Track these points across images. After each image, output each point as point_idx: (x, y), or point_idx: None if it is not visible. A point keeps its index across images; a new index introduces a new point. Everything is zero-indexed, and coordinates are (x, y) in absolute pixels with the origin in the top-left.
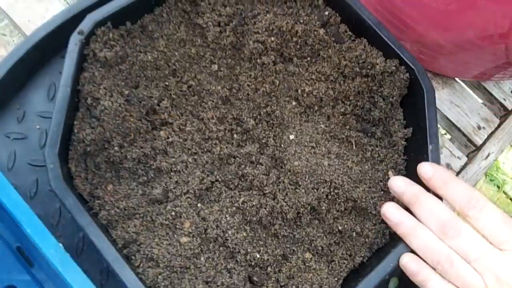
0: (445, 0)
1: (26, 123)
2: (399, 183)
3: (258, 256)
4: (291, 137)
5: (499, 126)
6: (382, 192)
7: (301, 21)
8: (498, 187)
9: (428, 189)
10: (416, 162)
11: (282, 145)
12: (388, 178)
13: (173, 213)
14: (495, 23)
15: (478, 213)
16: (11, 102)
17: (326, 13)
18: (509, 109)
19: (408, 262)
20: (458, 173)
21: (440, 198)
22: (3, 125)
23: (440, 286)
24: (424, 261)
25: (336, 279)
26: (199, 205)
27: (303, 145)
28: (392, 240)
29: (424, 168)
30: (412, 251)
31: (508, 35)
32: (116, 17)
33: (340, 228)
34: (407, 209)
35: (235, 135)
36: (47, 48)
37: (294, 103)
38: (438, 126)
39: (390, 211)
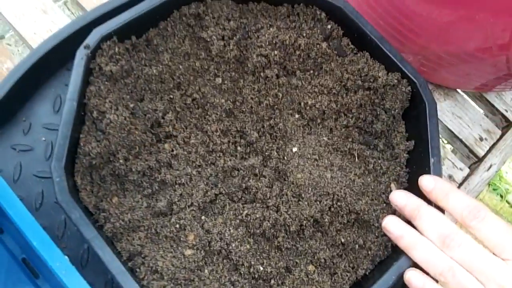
0: (444, 13)
1: (32, 135)
2: (400, 197)
3: (261, 268)
4: (294, 149)
5: (501, 137)
6: (385, 205)
7: (304, 34)
8: (501, 196)
9: (429, 201)
10: (418, 174)
11: (285, 158)
12: (391, 191)
13: (177, 226)
14: (495, 35)
15: (479, 223)
16: (17, 114)
17: (329, 26)
18: (511, 120)
19: (411, 277)
20: (460, 185)
21: (442, 210)
22: (9, 137)
23: None
24: (427, 273)
25: None
26: (203, 217)
27: (306, 157)
28: (395, 253)
29: (426, 181)
30: (415, 264)
31: (509, 47)
32: (121, 31)
33: (343, 240)
34: (408, 222)
35: (238, 148)
36: (53, 60)
37: (297, 115)
38: (440, 137)
39: (391, 225)
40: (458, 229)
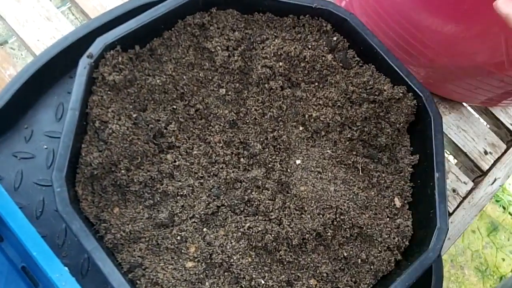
0: (456, 26)
1: (34, 143)
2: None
3: (262, 282)
4: (298, 162)
5: (505, 151)
6: (388, 219)
7: (309, 46)
8: (504, 208)
9: None
10: (422, 189)
11: (289, 170)
12: (394, 205)
13: (178, 238)
14: (508, 50)
15: None
16: (19, 121)
17: (335, 38)
18: None
19: None
20: (464, 198)
21: None
22: (11, 144)
23: None
24: None
25: None
26: (204, 229)
27: (310, 170)
28: (398, 268)
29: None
30: None
31: None
32: (125, 40)
33: (345, 254)
34: None
35: (241, 159)
36: (56, 68)
37: (301, 128)
38: (445, 150)
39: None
40: None
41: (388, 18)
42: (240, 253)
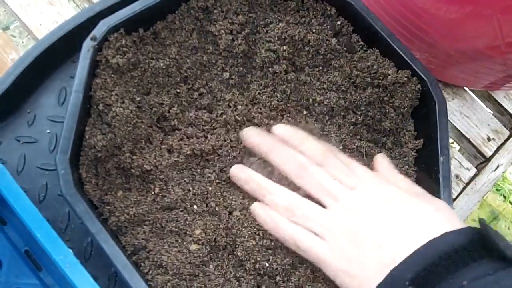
0: (452, 9)
1: (37, 127)
2: (253, 135)
3: (267, 265)
4: None
5: (509, 137)
6: None
7: (314, 30)
8: (505, 197)
9: None
10: (427, 173)
11: None
12: None
13: (183, 221)
14: (504, 33)
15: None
16: (22, 105)
17: (339, 22)
18: None
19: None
20: (467, 184)
21: None
22: (14, 129)
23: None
24: None
25: None
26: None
27: None
28: None
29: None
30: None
31: None
32: (129, 23)
33: None
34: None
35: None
36: (58, 52)
37: (305, 112)
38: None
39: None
40: (311, 163)
41: (385, 4)
42: (245, 236)
